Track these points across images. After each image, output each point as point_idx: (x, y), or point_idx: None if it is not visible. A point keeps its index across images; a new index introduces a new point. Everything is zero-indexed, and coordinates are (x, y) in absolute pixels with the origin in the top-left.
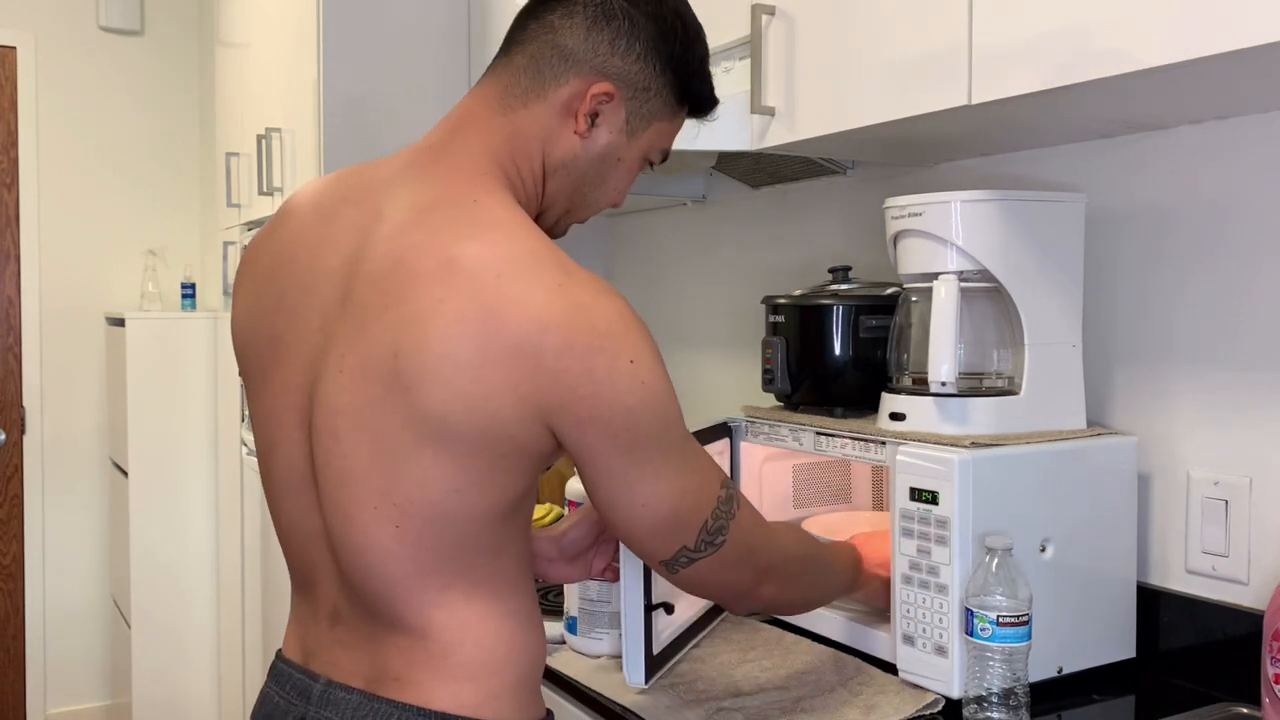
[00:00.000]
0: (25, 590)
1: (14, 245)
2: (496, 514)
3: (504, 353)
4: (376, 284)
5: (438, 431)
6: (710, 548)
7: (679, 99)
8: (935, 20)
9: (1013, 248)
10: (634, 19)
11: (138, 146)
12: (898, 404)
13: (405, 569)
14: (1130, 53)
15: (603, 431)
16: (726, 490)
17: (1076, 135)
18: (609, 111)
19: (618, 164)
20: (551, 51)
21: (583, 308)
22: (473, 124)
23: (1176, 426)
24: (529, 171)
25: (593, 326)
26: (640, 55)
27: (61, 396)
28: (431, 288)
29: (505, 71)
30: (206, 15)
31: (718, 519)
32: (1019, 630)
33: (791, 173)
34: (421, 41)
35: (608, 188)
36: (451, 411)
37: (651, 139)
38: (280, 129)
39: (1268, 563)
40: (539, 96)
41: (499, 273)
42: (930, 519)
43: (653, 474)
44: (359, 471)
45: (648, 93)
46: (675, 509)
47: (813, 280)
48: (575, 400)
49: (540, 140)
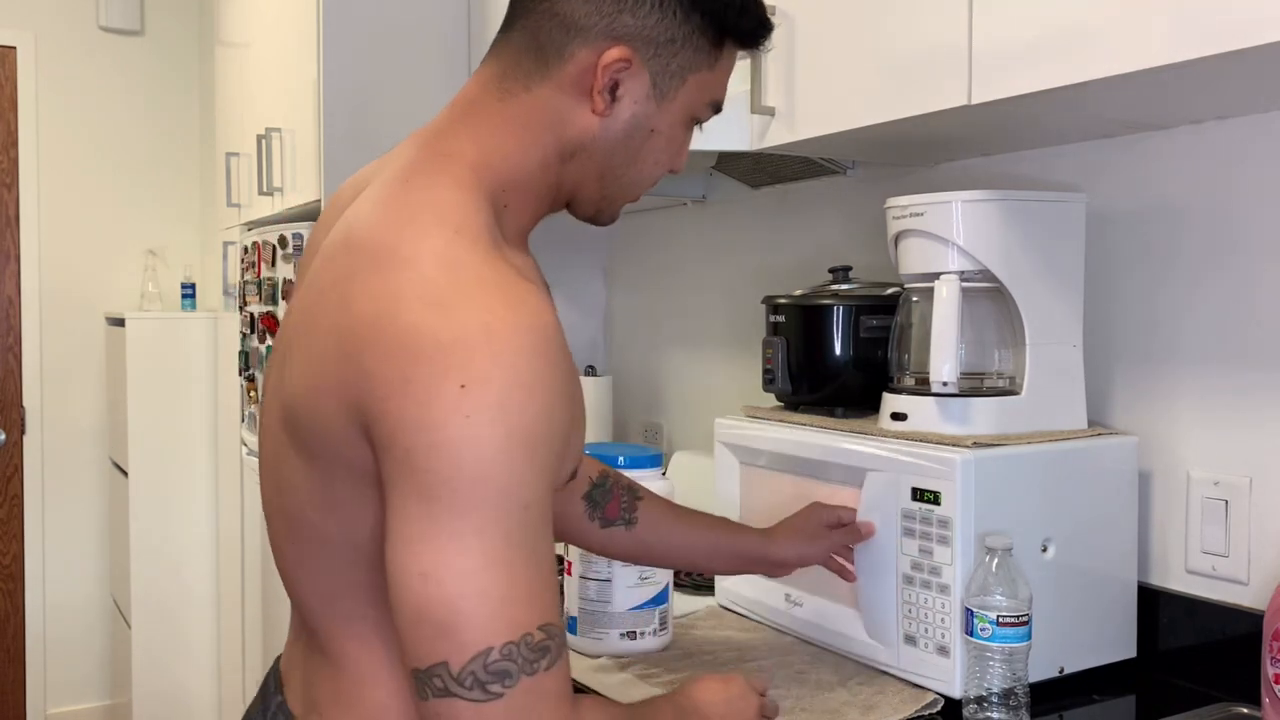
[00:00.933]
0: (25, 590)
1: (14, 245)
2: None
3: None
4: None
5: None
6: (478, 689)
7: (715, 39)
8: (935, 20)
9: (1014, 248)
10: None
11: (138, 146)
12: (899, 404)
13: (321, 593)
14: (1130, 53)
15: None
16: (546, 639)
17: (1076, 135)
18: (629, 79)
19: (651, 136)
20: (551, 21)
21: (443, 307)
22: (470, 115)
23: (1177, 426)
24: (537, 163)
25: (436, 331)
26: (655, 5)
27: (61, 396)
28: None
29: (505, 51)
30: (206, 15)
31: (508, 659)
32: (1019, 630)
33: (791, 173)
34: (421, 41)
35: (644, 165)
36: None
37: (692, 95)
38: (280, 129)
39: (1268, 563)
40: (542, 77)
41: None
42: (932, 519)
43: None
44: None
45: (673, 45)
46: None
47: (813, 280)
48: (382, 413)
49: (548, 127)
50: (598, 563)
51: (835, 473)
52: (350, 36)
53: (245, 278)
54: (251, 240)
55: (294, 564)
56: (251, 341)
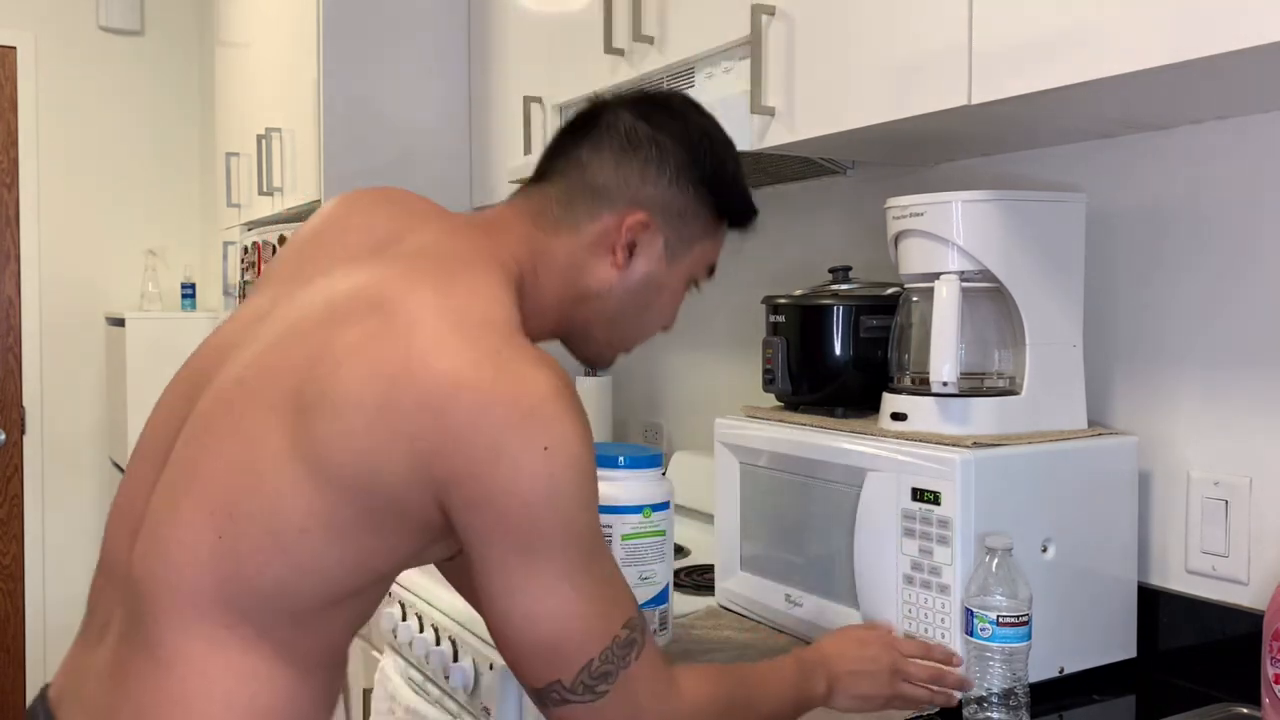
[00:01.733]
0: (25, 590)
1: (14, 245)
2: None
3: (410, 403)
4: (330, 302)
5: (312, 459)
6: (590, 694)
7: (716, 216)
8: (935, 20)
9: (1014, 248)
10: (661, 144)
11: (138, 146)
12: (899, 404)
13: (201, 585)
14: (1130, 53)
15: (495, 521)
16: (629, 633)
17: (1076, 135)
18: (646, 241)
19: (660, 291)
20: (583, 187)
21: (512, 376)
22: (503, 225)
23: (1176, 426)
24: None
25: (515, 399)
26: (672, 180)
27: (61, 396)
28: (365, 318)
29: (539, 196)
30: (206, 15)
31: (606, 662)
32: (1019, 630)
33: (791, 173)
34: (421, 41)
35: (650, 315)
36: (335, 445)
37: (695, 260)
38: (280, 129)
39: (1268, 563)
40: (572, 230)
41: (436, 323)
42: (932, 519)
43: (541, 586)
44: (215, 467)
45: (684, 216)
46: (557, 634)
47: (813, 280)
48: (471, 477)
49: (568, 268)
50: None
51: (835, 473)
52: (350, 36)
53: (245, 278)
54: (251, 240)
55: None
56: None
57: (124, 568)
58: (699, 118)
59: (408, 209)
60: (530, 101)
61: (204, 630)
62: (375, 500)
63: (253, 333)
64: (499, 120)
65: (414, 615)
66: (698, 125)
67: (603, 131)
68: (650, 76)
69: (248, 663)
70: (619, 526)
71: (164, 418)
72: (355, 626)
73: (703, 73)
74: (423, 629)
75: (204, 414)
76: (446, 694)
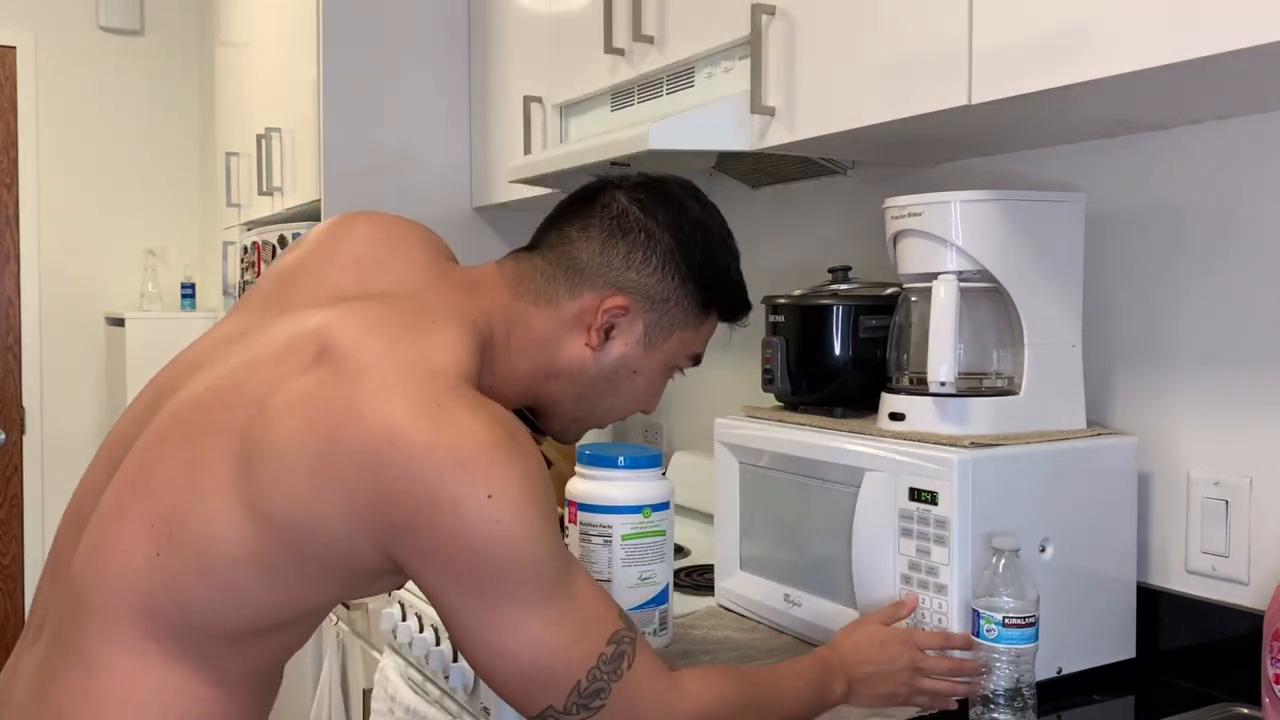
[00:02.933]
0: (25, 591)
1: (14, 245)
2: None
3: (346, 456)
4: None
5: (251, 496)
6: (584, 711)
7: (703, 307)
8: (935, 20)
9: (1012, 248)
10: (651, 231)
11: (138, 146)
12: (897, 404)
13: (132, 596)
14: (1130, 53)
15: (443, 567)
16: (616, 647)
17: (1076, 135)
18: (624, 324)
19: (633, 376)
20: (567, 263)
21: (449, 426)
22: (484, 287)
23: (1176, 426)
24: (526, 368)
25: (451, 449)
26: (658, 267)
27: (61, 396)
28: (318, 365)
29: (526, 264)
30: (206, 15)
31: (595, 680)
32: (1025, 632)
33: (791, 173)
34: (421, 42)
35: (621, 398)
36: (274, 488)
37: (675, 348)
38: (280, 129)
39: (1268, 563)
40: (550, 303)
41: (382, 375)
42: (930, 519)
43: (508, 623)
44: (161, 483)
45: (667, 304)
46: (535, 665)
47: (813, 280)
48: (414, 528)
49: (543, 342)
50: (598, 563)
51: (834, 473)
52: (350, 36)
53: (245, 278)
54: (251, 240)
55: (122, 564)
56: None
57: (65, 568)
58: (696, 207)
59: (394, 250)
60: (530, 101)
61: (129, 640)
62: (311, 546)
63: (222, 354)
64: (499, 120)
65: (414, 615)
66: (693, 215)
67: (596, 211)
68: (650, 76)
69: (170, 677)
70: (619, 526)
71: (126, 426)
72: (286, 653)
73: (703, 72)
74: (422, 629)
75: (160, 428)
76: (446, 694)
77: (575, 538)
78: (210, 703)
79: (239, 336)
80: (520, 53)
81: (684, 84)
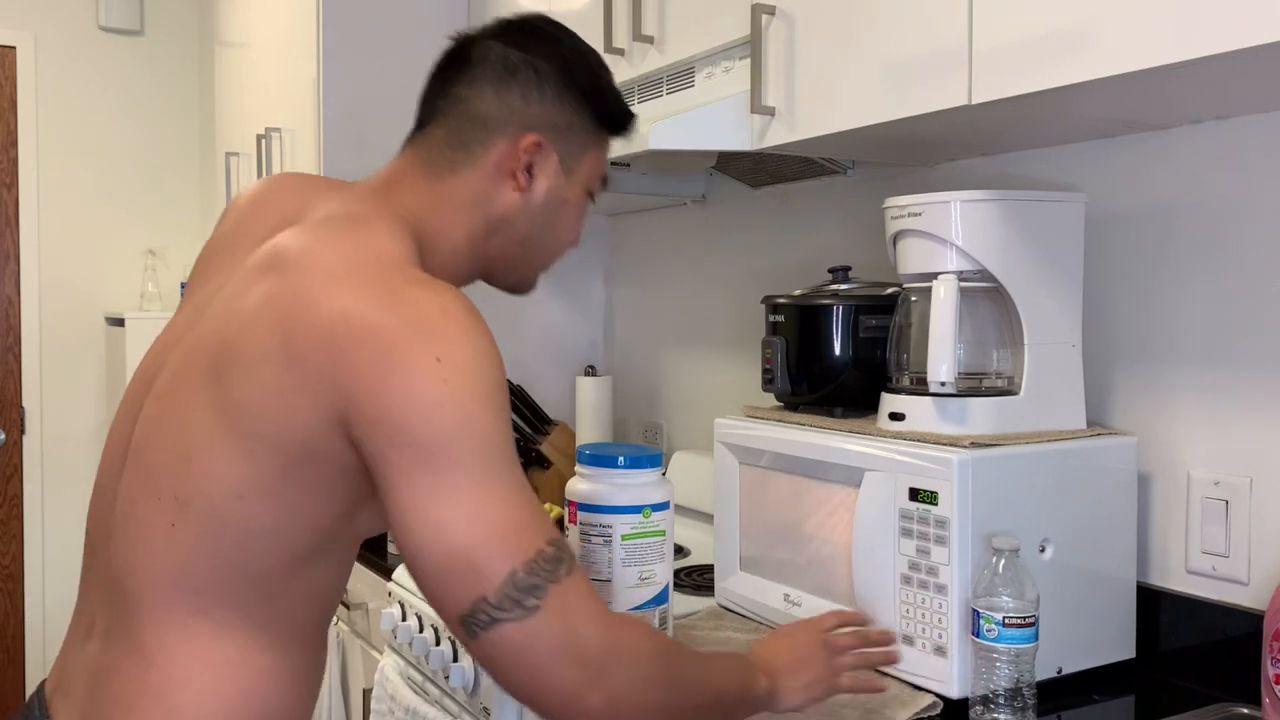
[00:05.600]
0: (25, 590)
1: (14, 245)
2: (283, 540)
3: (305, 345)
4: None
5: (234, 423)
6: (518, 609)
7: (598, 125)
8: (935, 20)
9: (1013, 248)
10: (536, 66)
11: (137, 146)
12: (897, 404)
13: (168, 575)
14: (1130, 53)
15: (392, 434)
16: (556, 550)
17: (1076, 135)
18: (542, 160)
19: (564, 205)
20: (469, 122)
21: (398, 299)
22: (396, 182)
23: (1176, 426)
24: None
25: (401, 317)
26: (554, 98)
27: (61, 396)
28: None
29: (426, 146)
30: (206, 15)
31: (532, 574)
32: (1025, 631)
33: (791, 173)
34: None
35: (560, 230)
36: (250, 401)
37: (589, 171)
38: (280, 129)
39: (1268, 563)
40: (468, 164)
41: (327, 267)
42: (930, 519)
43: (449, 491)
44: (159, 459)
45: (571, 129)
46: (472, 540)
47: (813, 280)
48: (367, 396)
49: (474, 204)
50: (598, 563)
51: (834, 473)
52: (350, 36)
53: None
54: None
55: (148, 547)
56: None
57: (103, 567)
58: (567, 37)
59: (313, 187)
60: None
61: (176, 620)
62: (297, 452)
63: (184, 330)
64: None
65: (414, 615)
66: (568, 44)
67: (477, 65)
68: (650, 76)
69: (226, 652)
70: (618, 527)
71: (119, 424)
72: (323, 600)
73: (703, 72)
74: (422, 629)
75: (148, 412)
76: (446, 694)
77: (575, 538)
78: (267, 672)
79: (195, 314)
80: None
81: (684, 84)
